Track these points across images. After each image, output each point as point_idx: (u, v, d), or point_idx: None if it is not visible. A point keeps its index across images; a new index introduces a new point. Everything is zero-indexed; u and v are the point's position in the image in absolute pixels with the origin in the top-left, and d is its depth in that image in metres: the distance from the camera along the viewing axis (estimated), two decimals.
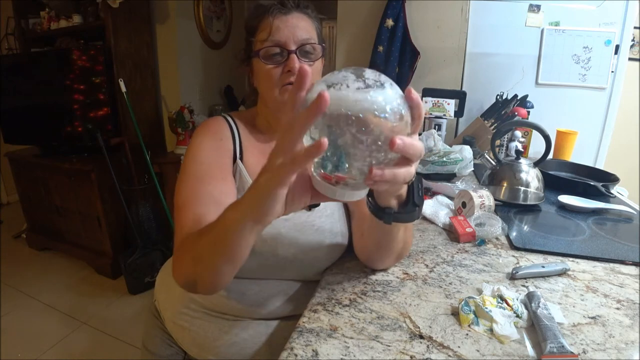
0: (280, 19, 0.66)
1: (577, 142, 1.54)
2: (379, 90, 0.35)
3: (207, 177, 0.65)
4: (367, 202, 0.53)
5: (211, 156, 0.68)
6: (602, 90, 1.72)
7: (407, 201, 0.51)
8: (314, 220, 0.71)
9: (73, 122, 2.09)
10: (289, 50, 0.66)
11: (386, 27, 1.82)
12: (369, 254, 0.68)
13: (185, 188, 0.64)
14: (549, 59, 1.73)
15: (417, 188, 0.51)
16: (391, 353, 0.50)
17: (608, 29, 1.65)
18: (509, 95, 1.65)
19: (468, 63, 1.83)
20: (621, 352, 0.52)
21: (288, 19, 0.67)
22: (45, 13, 2.26)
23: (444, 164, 1.18)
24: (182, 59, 2.44)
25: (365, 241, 0.67)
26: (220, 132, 0.72)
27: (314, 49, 0.68)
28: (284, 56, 0.66)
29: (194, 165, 0.67)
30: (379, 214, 0.51)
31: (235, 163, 0.71)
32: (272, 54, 0.66)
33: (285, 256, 0.68)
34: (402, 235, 0.62)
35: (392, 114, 0.35)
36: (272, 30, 0.66)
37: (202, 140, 0.70)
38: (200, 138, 0.71)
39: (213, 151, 0.69)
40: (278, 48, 0.66)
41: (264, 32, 0.67)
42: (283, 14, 0.67)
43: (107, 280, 2.19)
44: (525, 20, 1.72)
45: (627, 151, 2.22)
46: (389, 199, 0.50)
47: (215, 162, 0.68)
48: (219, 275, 0.52)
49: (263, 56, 0.67)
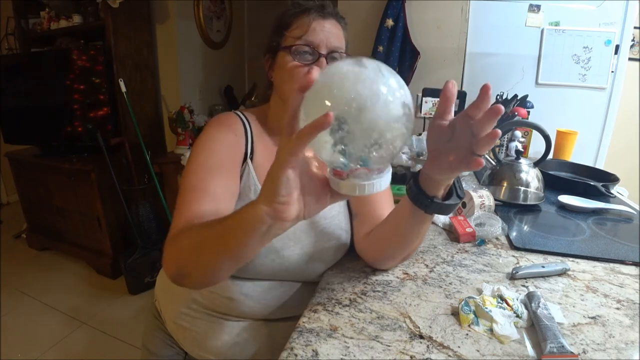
0: (318, 22, 0.67)
1: (577, 142, 1.54)
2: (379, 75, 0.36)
3: (218, 170, 0.63)
4: (410, 191, 0.53)
5: (225, 150, 0.67)
6: (602, 90, 1.72)
7: (450, 193, 0.53)
8: (319, 222, 0.71)
9: (73, 122, 2.09)
10: (320, 53, 0.67)
11: (386, 27, 1.82)
12: (379, 252, 0.68)
13: (194, 177, 0.62)
14: (549, 59, 1.74)
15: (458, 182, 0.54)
16: (391, 353, 0.51)
17: (608, 29, 1.66)
18: (509, 95, 1.65)
19: (468, 63, 1.83)
20: (621, 352, 0.52)
21: (325, 24, 0.68)
22: (45, 13, 2.26)
23: None
24: (182, 59, 2.44)
25: (376, 240, 0.67)
26: (235, 128, 0.71)
27: (341, 58, 0.68)
28: (314, 57, 0.67)
29: (206, 155, 0.65)
30: (425, 202, 0.52)
31: (245, 162, 0.69)
32: (302, 51, 0.67)
33: (290, 257, 0.68)
34: (424, 231, 0.62)
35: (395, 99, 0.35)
36: (308, 30, 0.66)
37: (218, 132, 0.69)
38: (216, 129, 0.69)
39: (227, 145, 0.68)
40: (310, 48, 0.67)
41: (298, 29, 0.67)
42: (321, 18, 0.68)
43: (107, 280, 2.19)
44: (525, 20, 1.73)
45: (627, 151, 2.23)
46: (441, 188, 0.51)
47: (227, 156, 0.67)
48: (217, 270, 0.50)
49: (294, 52, 0.67)
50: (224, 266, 0.49)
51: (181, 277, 0.52)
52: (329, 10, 0.69)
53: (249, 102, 2.72)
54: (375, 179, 0.40)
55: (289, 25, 0.69)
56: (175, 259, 0.52)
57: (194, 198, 0.59)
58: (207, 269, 0.50)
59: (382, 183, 0.41)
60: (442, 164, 0.48)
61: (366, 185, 0.40)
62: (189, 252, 0.51)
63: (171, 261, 0.53)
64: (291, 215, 0.40)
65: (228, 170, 0.65)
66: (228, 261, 0.48)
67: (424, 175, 0.52)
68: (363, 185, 0.40)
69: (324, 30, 0.67)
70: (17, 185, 2.44)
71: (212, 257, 0.48)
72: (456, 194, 0.53)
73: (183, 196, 0.60)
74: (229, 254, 0.47)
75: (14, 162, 2.38)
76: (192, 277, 0.52)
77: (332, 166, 0.40)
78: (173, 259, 0.53)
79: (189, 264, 0.51)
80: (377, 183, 0.40)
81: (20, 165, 2.36)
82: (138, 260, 2.02)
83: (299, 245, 0.68)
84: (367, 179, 0.40)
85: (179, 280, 0.53)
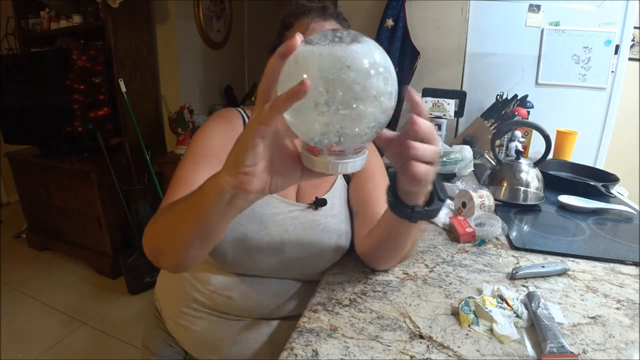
0: (317, 23, 0.68)
1: (577, 142, 1.54)
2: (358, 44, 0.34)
3: (214, 158, 0.63)
4: (390, 202, 0.52)
5: (222, 141, 0.66)
6: (602, 90, 1.72)
7: (432, 198, 0.51)
8: (320, 220, 0.71)
9: (73, 122, 2.09)
10: None
11: (386, 27, 1.82)
12: (374, 254, 0.68)
13: (188, 163, 0.63)
14: (549, 59, 1.73)
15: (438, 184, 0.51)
16: (391, 353, 0.51)
17: (608, 29, 1.65)
18: (509, 95, 1.65)
19: (468, 63, 1.83)
20: (621, 352, 0.52)
21: (325, 25, 0.68)
22: (45, 13, 2.26)
23: (444, 164, 1.18)
24: (182, 59, 2.44)
25: (371, 242, 0.67)
26: (234, 123, 0.71)
27: None
28: None
29: (202, 145, 0.66)
30: (406, 212, 0.50)
31: None
32: None
33: (291, 254, 0.68)
34: (414, 235, 0.62)
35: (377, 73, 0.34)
36: (307, 31, 0.67)
37: (216, 125, 0.70)
38: (215, 123, 0.70)
39: (224, 137, 0.67)
40: None
41: (298, 30, 0.68)
42: (322, 19, 0.68)
43: (107, 280, 2.19)
44: (525, 20, 1.72)
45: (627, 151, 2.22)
46: (420, 197, 0.49)
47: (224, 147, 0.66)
48: (187, 247, 0.49)
49: None
50: (193, 243, 0.48)
51: (156, 255, 0.54)
52: (329, 11, 0.69)
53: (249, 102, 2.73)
54: (350, 158, 0.38)
55: (290, 26, 0.70)
56: (150, 237, 0.54)
57: (185, 183, 0.59)
58: (176, 246, 0.50)
59: (356, 163, 0.39)
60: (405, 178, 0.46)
61: (339, 164, 0.38)
62: (161, 230, 0.52)
63: (146, 242, 0.54)
64: (254, 187, 0.39)
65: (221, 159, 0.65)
66: (196, 238, 0.47)
67: (400, 188, 0.50)
68: (336, 163, 0.37)
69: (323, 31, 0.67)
70: (17, 185, 2.44)
71: (180, 232, 0.48)
72: (438, 197, 0.51)
73: (175, 181, 0.61)
74: (194, 228, 0.46)
75: (14, 162, 2.38)
76: (165, 254, 0.52)
77: (306, 141, 0.38)
78: (148, 237, 0.54)
79: (160, 241, 0.52)
80: (352, 163, 0.38)
81: (20, 165, 2.36)
82: (138, 260, 2.02)
83: (300, 243, 0.68)
84: (342, 158, 0.38)
85: (155, 259, 0.54)
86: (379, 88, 0.34)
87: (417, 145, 0.41)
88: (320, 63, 0.33)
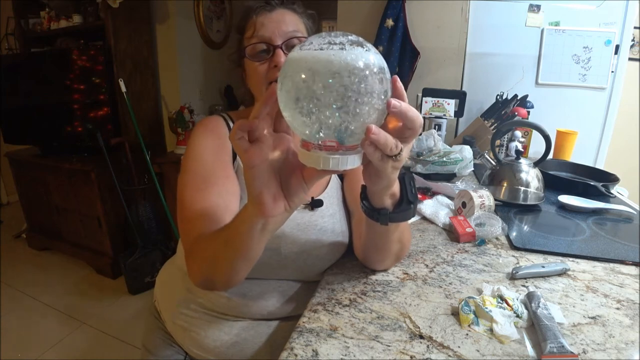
0: (264, 16, 0.67)
1: (577, 142, 1.54)
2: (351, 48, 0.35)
3: (213, 176, 0.65)
4: (361, 205, 0.53)
5: (213, 155, 0.68)
6: (602, 90, 1.72)
7: (401, 200, 0.51)
8: (317, 220, 0.71)
9: (73, 122, 2.09)
10: (275, 45, 0.66)
11: (386, 27, 1.82)
12: (367, 255, 0.68)
13: (190, 188, 0.64)
14: (549, 59, 1.73)
15: (409, 185, 0.51)
16: (391, 353, 0.50)
17: (608, 29, 1.65)
18: (509, 95, 1.65)
19: (468, 63, 1.83)
20: (621, 352, 0.52)
21: (272, 15, 0.68)
22: (45, 13, 2.26)
23: (444, 164, 1.18)
24: (182, 59, 2.43)
25: (361, 242, 0.67)
26: (218, 131, 0.72)
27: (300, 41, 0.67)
28: (269, 52, 0.67)
29: (197, 165, 0.67)
30: (374, 215, 0.51)
31: (236, 161, 0.71)
32: (258, 51, 0.67)
33: (288, 255, 0.68)
34: (397, 236, 0.62)
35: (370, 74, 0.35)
36: (256, 27, 0.67)
37: (203, 139, 0.70)
38: (201, 137, 0.71)
39: (214, 150, 0.69)
40: (264, 44, 0.67)
41: (249, 30, 0.68)
42: (267, 11, 0.68)
43: (107, 280, 2.19)
44: (525, 20, 1.72)
45: (627, 151, 2.23)
46: (384, 198, 0.50)
47: (217, 160, 0.68)
48: (235, 272, 0.54)
49: (249, 54, 0.68)
50: (240, 266, 0.53)
51: (208, 284, 0.59)
52: (274, 2, 0.69)
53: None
54: (342, 154, 0.38)
55: (243, 30, 0.71)
56: (198, 272, 0.58)
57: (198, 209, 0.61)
58: (226, 273, 0.55)
59: (348, 160, 0.39)
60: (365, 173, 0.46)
61: (331, 159, 0.38)
62: (207, 263, 0.56)
63: (196, 276, 0.58)
64: (273, 210, 0.42)
65: (222, 172, 0.67)
66: (241, 261, 0.52)
67: (368, 189, 0.51)
68: (327, 158, 0.38)
69: (272, 22, 0.67)
70: (17, 185, 2.44)
71: (227, 262, 0.52)
72: (407, 199, 0.50)
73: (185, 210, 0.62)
74: (239, 255, 0.51)
75: (14, 162, 2.38)
76: (217, 283, 0.57)
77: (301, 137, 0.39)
78: (196, 272, 0.58)
79: (210, 273, 0.56)
80: (344, 159, 0.38)
81: (20, 165, 2.36)
82: (138, 260, 2.02)
83: (297, 243, 0.68)
84: (333, 154, 0.38)
85: (208, 287, 0.60)
86: (371, 88, 0.35)
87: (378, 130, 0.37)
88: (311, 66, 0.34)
